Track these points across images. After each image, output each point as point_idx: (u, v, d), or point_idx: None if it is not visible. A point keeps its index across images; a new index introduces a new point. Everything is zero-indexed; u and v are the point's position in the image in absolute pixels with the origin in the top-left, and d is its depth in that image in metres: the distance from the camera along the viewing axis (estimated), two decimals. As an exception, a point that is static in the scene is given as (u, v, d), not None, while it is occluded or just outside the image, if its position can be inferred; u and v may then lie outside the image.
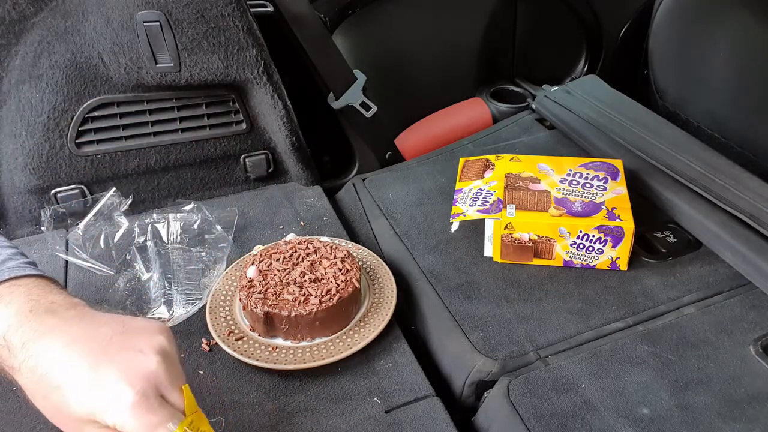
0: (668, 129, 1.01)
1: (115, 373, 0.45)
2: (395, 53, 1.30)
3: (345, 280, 0.73)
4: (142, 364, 0.46)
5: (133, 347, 0.47)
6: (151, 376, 0.46)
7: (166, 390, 0.47)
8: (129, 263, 0.84)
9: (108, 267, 0.84)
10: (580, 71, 1.44)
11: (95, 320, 0.49)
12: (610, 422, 0.62)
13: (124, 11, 0.88)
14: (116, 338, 0.48)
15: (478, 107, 1.31)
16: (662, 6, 1.10)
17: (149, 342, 0.48)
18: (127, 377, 0.45)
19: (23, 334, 0.47)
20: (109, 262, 0.84)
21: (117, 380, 0.45)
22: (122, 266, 0.84)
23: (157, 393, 0.46)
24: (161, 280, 0.80)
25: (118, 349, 0.47)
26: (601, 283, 0.80)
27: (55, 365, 0.46)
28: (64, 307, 0.50)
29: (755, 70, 0.97)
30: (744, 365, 0.67)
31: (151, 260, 0.83)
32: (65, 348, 0.46)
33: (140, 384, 0.45)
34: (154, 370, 0.47)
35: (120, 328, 0.49)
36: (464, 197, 0.87)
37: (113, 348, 0.47)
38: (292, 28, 1.04)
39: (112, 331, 0.48)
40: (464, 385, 0.70)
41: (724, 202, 0.84)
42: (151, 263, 0.82)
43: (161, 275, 0.80)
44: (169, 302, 0.77)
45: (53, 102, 0.91)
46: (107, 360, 0.46)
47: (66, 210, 0.92)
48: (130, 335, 0.48)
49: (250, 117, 1.02)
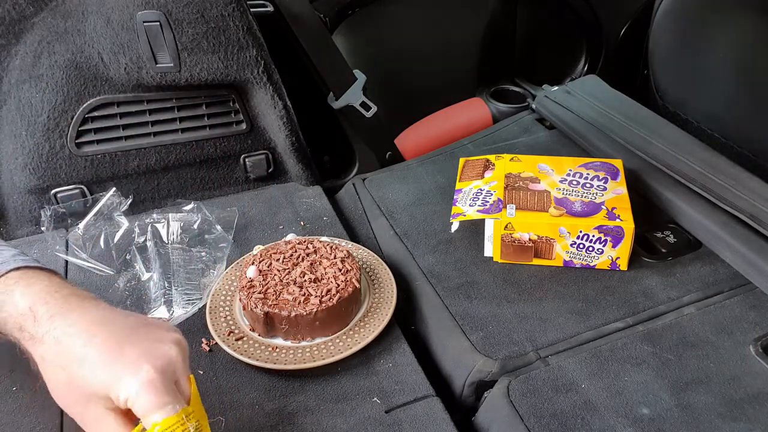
0: (668, 129, 1.01)
1: (137, 352, 0.48)
2: (395, 53, 1.30)
3: (345, 280, 0.73)
4: (162, 349, 0.50)
5: (155, 336, 0.51)
6: (169, 361, 0.49)
7: (181, 377, 0.50)
8: (129, 263, 0.84)
9: (108, 267, 0.84)
10: (580, 71, 1.44)
11: (118, 311, 0.53)
12: (610, 422, 0.62)
13: (124, 11, 0.88)
14: (140, 328, 0.51)
15: (478, 107, 1.31)
16: (662, 6, 1.10)
17: (168, 334, 0.52)
18: (148, 358, 0.48)
19: (50, 308, 0.50)
20: (109, 262, 0.84)
21: (138, 358, 0.48)
22: (122, 266, 0.84)
23: (172, 377, 0.49)
24: (161, 280, 0.80)
25: (141, 335, 0.50)
26: (601, 283, 0.80)
27: (81, 338, 0.48)
28: (86, 295, 0.53)
29: (755, 70, 0.97)
30: (744, 365, 0.67)
31: (151, 260, 0.83)
32: (92, 325, 0.49)
33: (159, 364, 0.48)
34: (173, 356, 0.50)
35: (142, 321, 0.53)
36: (464, 197, 0.87)
37: (137, 334, 0.50)
38: (292, 28, 1.04)
39: (136, 321, 0.52)
40: (464, 385, 0.70)
41: (724, 202, 0.84)
42: (151, 263, 0.82)
43: (161, 275, 0.80)
44: (169, 302, 0.77)
45: (53, 102, 0.91)
46: (131, 342, 0.49)
47: (66, 210, 0.92)
48: (152, 327, 0.52)
49: (250, 117, 1.02)
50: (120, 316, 0.52)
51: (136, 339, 0.49)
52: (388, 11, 1.26)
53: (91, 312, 0.50)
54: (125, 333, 0.50)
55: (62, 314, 0.49)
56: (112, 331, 0.49)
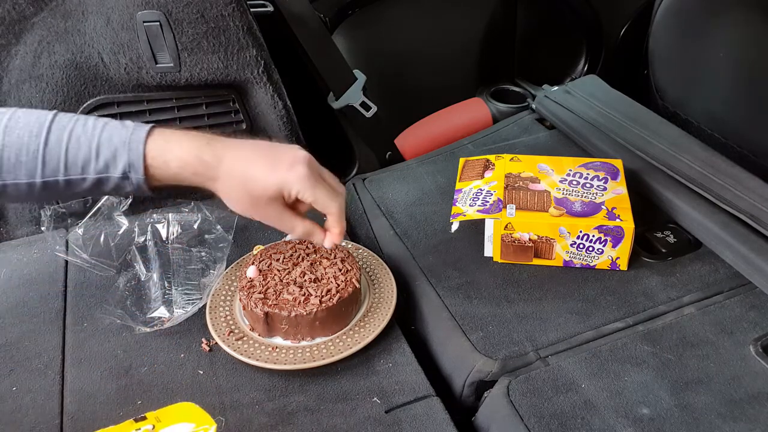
0: (668, 129, 1.01)
1: (288, 160, 0.64)
2: (395, 53, 1.30)
3: (345, 280, 0.73)
4: (301, 154, 0.65)
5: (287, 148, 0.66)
6: (310, 160, 0.65)
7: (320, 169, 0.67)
8: (129, 263, 0.84)
9: (108, 267, 0.84)
10: (580, 71, 1.44)
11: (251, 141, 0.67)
12: (610, 422, 0.62)
13: (124, 11, 0.88)
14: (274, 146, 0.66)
15: (478, 107, 1.31)
16: (662, 6, 1.10)
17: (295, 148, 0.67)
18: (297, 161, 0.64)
19: (213, 154, 0.63)
20: (109, 262, 0.84)
21: (291, 163, 0.63)
22: (122, 266, 0.84)
23: (317, 169, 0.66)
24: (161, 280, 0.80)
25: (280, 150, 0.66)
26: (601, 283, 0.80)
27: (245, 165, 0.63)
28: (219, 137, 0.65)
29: (755, 69, 0.96)
30: (744, 365, 0.67)
31: (151, 260, 0.83)
32: (248, 155, 0.64)
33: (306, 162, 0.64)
34: (310, 157, 0.65)
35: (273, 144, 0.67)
36: (464, 197, 0.87)
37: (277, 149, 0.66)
38: (292, 28, 1.04)
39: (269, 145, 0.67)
40: (464, 385, 0.70)
41: (724, 202, 0.84)
42: (151, 263, 0.82)
43: (161, 275, 0.80)
44: (168, 302, 0.77)
45: (53, 102, 0.91)
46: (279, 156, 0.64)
47: (66, 210, 0.92)
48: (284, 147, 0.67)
49: (250, 117, 1.02)
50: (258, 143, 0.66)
51: (279, 152, 0.65)
52: (388, 11, 1.26)
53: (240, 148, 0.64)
54: (271, 151, 0.65)
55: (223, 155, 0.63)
56: (263, 153, 0.64)
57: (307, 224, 0.68)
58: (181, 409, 0.59)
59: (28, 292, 0.82)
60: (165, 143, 0.63)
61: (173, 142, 0.63)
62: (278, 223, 0.67)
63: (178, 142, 0.63)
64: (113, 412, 0.66)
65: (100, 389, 0.69)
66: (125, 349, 0.73)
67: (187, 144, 0.63)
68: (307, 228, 0.68)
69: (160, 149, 0.62)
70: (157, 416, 0.57)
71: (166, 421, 0.56)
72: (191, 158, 0.62)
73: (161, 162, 0.62)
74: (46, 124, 0.61)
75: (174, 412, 0.58)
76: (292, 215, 0.67)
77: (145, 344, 0.74)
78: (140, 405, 0.67)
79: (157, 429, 0.55)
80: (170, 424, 0.56)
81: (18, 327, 0.77)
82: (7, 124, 0.60)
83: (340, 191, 0.68)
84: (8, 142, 0.60)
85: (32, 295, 0.82)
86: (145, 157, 0.61)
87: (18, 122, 0.61)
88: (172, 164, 0.62)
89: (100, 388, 0.69)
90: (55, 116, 0.62)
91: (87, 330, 0.76)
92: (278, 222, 0.67)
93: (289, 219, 0.67)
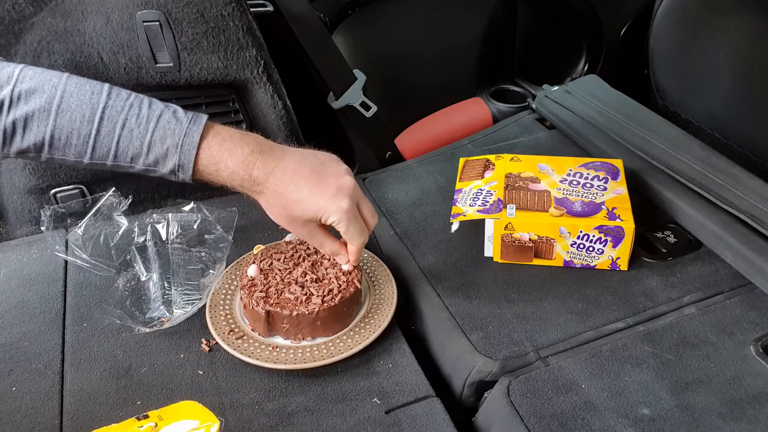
0: (668, 129, 1.01)
1: (334, 186, 0.66)
2: (395, 53, 1.30)
3: (347, 281, 0.73)
4: (347, 182, 0.67)
5: (335, 171, 0.67)
6: (353, 190, 0.67)
7: (361, 199, 0.68)
8: (129, 263, 0.84)
9: (108, 267, 0.84)
10: (580, 71, 1.44)
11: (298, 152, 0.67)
12: (611, 422, 0.62)
13: (124, 11, 0.88)
14: (322, 165, 0.67)
15: (478, 107, 1.31)
16: (662, 6, 1.10)
17: (341, 166, 0.69)
18: (342, 190, 0.66)
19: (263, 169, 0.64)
20: (109, 262, 0.84)
21: (336, 193, 0.65)
22: (122, 266, 0.84)
23: (356, 200, 0.67)
24: (161, 280, 0.80)
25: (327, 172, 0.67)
26: (601, 283, 0.80)
27: (290, 187, 0.65)
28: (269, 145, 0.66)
29: (755, 69, 0.96)
30: (744, 365, 0.67)
31: (150, 260, 0.83)
32: (293, 175, 0.65)
33: (349, 195, 0.66)
34: (354, 186, 0.67)
35: (319, 158, 0.68)
36: (464, 197, 0.87)
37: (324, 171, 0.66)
38: (292, 28, 1.04)
39: (316, 160, 0.67)
40: (464, 385, 0.70)
41: (724, 202, 0.84)
42: (151, 263, 0.82)
43: (161, 275, 0.80)
44: (168, 302, 0.77)
45: (53, 102, 0.90)
46: (325, 179, 0.66)
47: (66, 210, 0.92)
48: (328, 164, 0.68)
49: (250, 117, 1.02)
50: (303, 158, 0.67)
51: (326, 174, 0.66)
52: (388, 11, 1.26)
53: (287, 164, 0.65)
54: (317, 172, 0.66)
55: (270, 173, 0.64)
56: (308, 174, 0.65)
57: (336, 245, 0.72)
58: (184, 408, 0.59)
59: (28, 292, 0.82)
60: (218, 150, 0.63)
61: (225, 151, 0.63)
62: (309, 240, 0.72)
63: (230, 151, 0.63)
64: (113, 412, 0.66)
65: (100, 389, 0.69)
66: (125, 350, 0.73)
67: (239, 153, 0.63)
68: (335, 248, 0.72)
69: (213, 158, 0.63)
70: (159, 414, 0.57)
71: (168, 419, 0.56)
72: (241, 171, 0.64)
73: (213, 170, 0.64)
74: (99, 108, 0.61)
75: (177, 411, 0.58)
76: (323, 234, 0.71)
77: (144, 344, 0.74)
78: (140, 405, 0.66)
79: (159, 427, 0.55)
80: (173, 421, 0.56)
81: (18, 327, 0.77)
82: (59, 104, 0.60)
83: (372, 224, 0.71)
84: (59, 125, 0.60)
85: (32, 295, 0.82)
86: (196, 162, 0.63)
87: (70, 102, 0.60)
88: (223, 173, 0.64)
89: (99, 389, 0.69)
90: (108, 99, 0.61)
91: (87, 330, 0.76)
92: (309, 239, 0.71)
93: (319, 237, 0.71)
